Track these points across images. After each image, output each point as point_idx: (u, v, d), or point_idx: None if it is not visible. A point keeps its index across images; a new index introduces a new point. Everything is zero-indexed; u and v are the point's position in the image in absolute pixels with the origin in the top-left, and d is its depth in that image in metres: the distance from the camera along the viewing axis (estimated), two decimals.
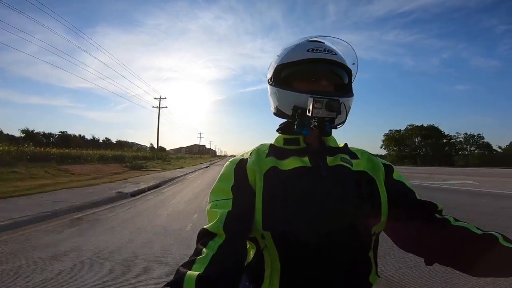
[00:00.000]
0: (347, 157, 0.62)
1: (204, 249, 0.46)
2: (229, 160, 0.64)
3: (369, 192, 0.58)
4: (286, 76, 0.64)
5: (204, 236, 0.49)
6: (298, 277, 0.53)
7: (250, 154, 0.63)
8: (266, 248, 0.56)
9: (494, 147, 45.28)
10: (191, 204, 6.30)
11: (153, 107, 33.30)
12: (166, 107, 35.15)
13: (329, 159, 0.60)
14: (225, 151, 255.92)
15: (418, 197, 0.60)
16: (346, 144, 0.67)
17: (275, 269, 0.55)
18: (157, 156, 30.89)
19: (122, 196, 7.05)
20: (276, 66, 0.65)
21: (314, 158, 0.59)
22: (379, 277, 0.60)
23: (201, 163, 36.56)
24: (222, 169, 0.62)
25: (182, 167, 23.42)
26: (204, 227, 0.51)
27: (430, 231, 0.53)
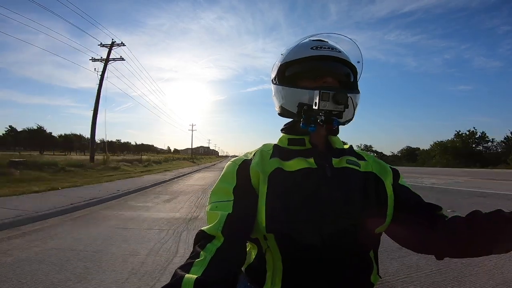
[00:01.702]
0: (353, 158, 0.62)
1: (202, 252, 0.45)
2: (232, 160, 0.63)
3: (376, 193, 0.58)
4: (290, 74, 0.64)
5: (202, 239, 0.49)
6: (300, 278, 0.53)
7: (254, 154, 0.62)
8: (268, 250, 0.55)
9: (386, 152, 57.21)
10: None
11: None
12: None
13: (334, 161, 0.60)
14: (226, 152, 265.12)
15: (425, 201, 0.60)
16: (351, 146, 0.67)
17: (277, 270, 0.54)
18: (194, 157, 58.39)
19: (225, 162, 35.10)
20: (280, 64, 0.65)
21: (320, 159, 0.59)
22: (380, 277, 0.60)
23: (215, 161, 63.56)
24: (224, 169, 0.61)
25: (212, 161, 50.89)
26: (203, 228, 0.50)
27: (439, 231, 0.52)
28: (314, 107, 0.56)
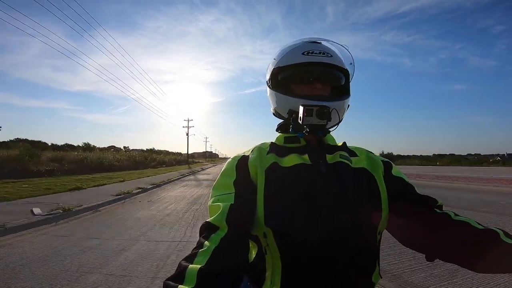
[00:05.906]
0: (346, 154, 0.63)
1: (206, 242, 0.46)
2: (232, 157, 0.65)
3: (369, 189, 0.59)
4: (283, 78, 0.66)
5: (207, 229, 0.49)
6: (299, 277, 0.53)
7: (252, 151, 0.64)
8: (267, 248, 0.56)
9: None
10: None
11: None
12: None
13: (328, 157, 0.61)
14: (225, 154, 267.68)
15: (418, 192, 0.61)
16: (344, 143, 0.68)
17: (277, 268, 0.55)
18: (211, 161, 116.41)
19: None
20: (273, 69, 0.67)
21: (314, 156, 0.61)
22: (381, 277, 0.60)
23: (220, 162, 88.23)
24: (225, 165, 0.64)
25: (219, 162, 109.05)
26: (207, 220, 0.51)
27: (430, 226, 0.53)
28: (299, 121, 0.59)
